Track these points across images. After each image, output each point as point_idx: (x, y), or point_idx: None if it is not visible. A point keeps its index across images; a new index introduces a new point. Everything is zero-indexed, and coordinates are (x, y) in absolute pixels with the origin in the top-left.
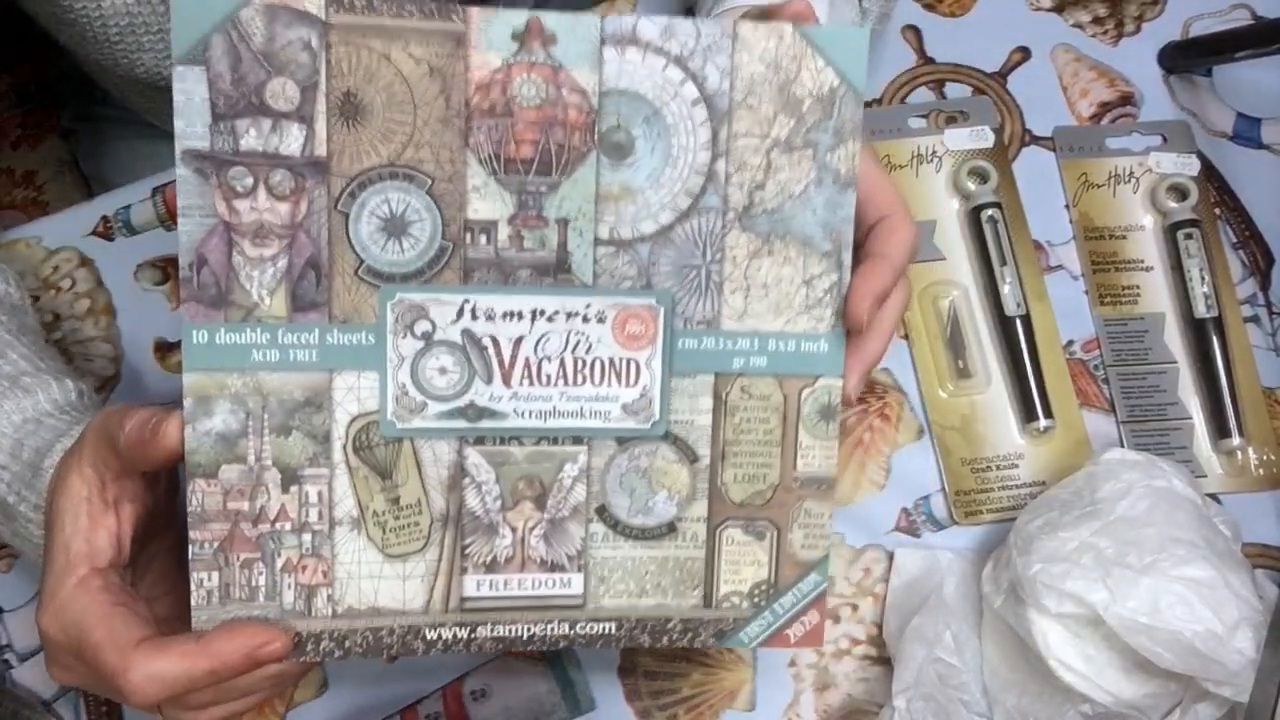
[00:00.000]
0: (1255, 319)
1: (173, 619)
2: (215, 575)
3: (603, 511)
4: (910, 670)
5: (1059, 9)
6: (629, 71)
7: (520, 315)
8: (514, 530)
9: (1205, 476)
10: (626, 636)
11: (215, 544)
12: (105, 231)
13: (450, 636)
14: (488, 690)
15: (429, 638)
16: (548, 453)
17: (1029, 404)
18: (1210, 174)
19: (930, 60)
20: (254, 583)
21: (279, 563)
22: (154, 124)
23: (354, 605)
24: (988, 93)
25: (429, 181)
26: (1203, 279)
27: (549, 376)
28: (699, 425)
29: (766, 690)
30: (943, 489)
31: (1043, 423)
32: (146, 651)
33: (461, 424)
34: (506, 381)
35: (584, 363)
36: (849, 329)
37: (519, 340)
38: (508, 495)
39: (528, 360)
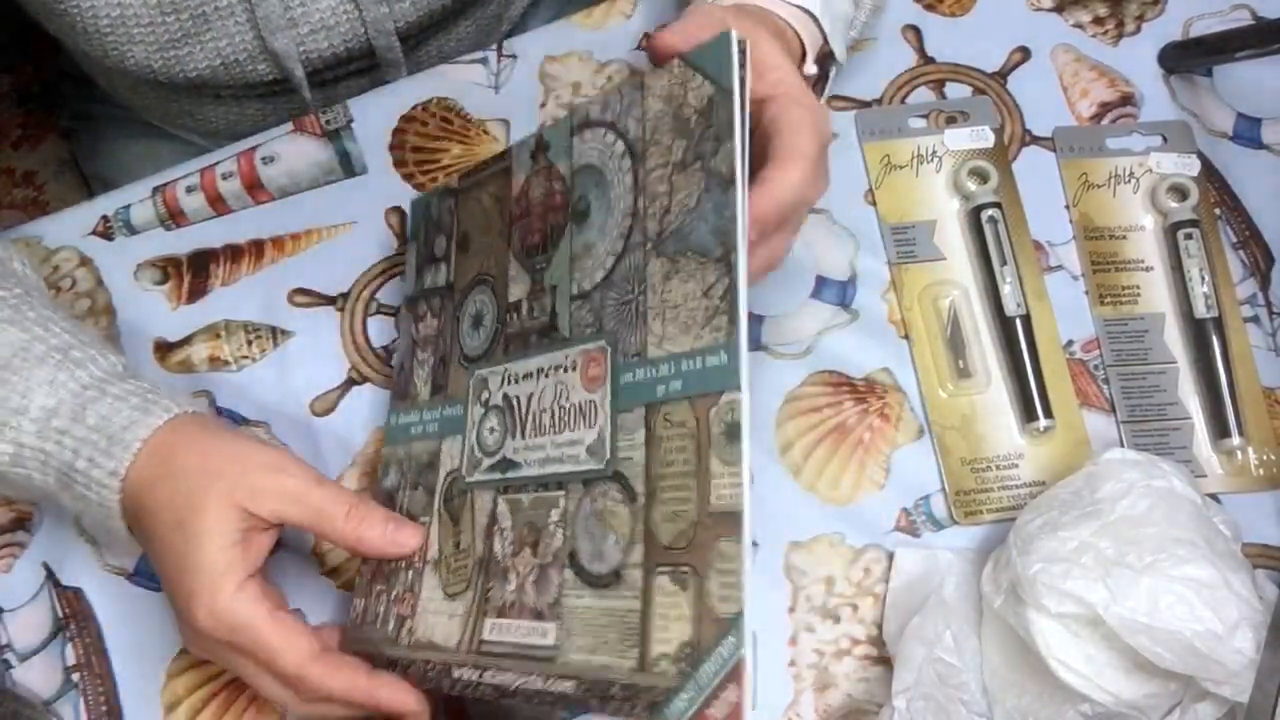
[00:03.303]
0: (1255, 319)
1: None
2: (362, 602)
3: (573, 558)
4: (910, 670)
5: (1059, 9)
6: (586, 150)
7: (531, 375)
8: (517, 575)
9: (1205, 476)
10: (580, 699)
11: (369, 576)
12: (105, 231)
13: (466, 678)
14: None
15: (454, 676)
16: (542, 499)
17: (1029, 404)
18: (1210, 174)
19: (930, 60)
20: (378, 610)
21: (392, 594)
22: (153, 123)
23: (419, 638)
24: (988, 93)
25: (492, 281)
26: (1203, 279)
27: (545, 427)
28: (636, 461)
29: (766, 690)
30: (943, 489)
31: (1043, 423)
32: (325, 668)
33: (498, 476)
34: (523, 435)
35: (564, 409)
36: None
37: (530, 396)
38: (516, 541)
39: (534, 415)
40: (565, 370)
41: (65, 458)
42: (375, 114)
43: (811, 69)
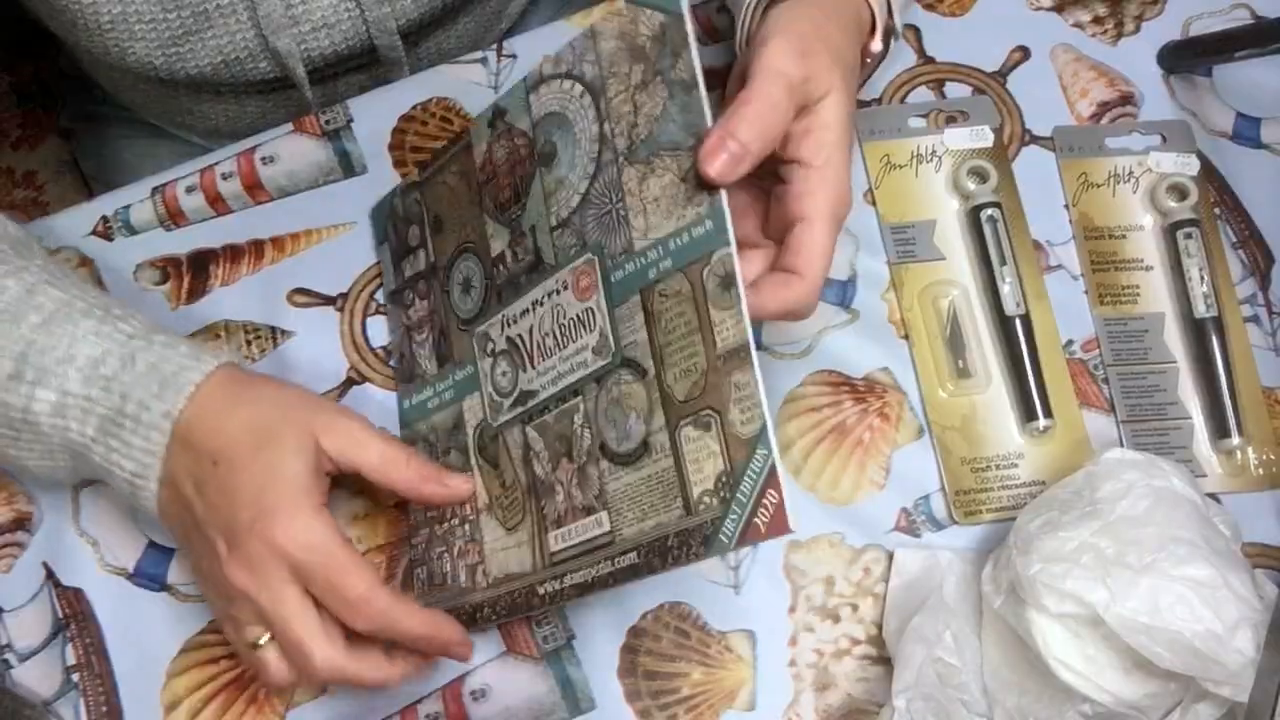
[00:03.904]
0: (1255, 319)
1: None
2: (425, 570)
3: (604, 448)
4: (910, 670)
5: (1059, 9)
6: (545, 102)
7: (528, 311)
8: (563, 485)
9: (1205, 476)
10: (646, 565)
11: (424, 545)
12: (105, 231)
13: (553, 590)
14: (487, 690)
15: (539, 593)
16: (564, 410)
17: (1029, 404)
18: (1210, 174)
19: (930, 60)
20: (444, 570)
21: (455, 551)
22: (152, 123)
23: (497, 576)
24: (988, 92)
25: (473, 245)
26: (1202, 279)
27: (550, 349)
28: (640, 342)
29: (766, 690)
30: (942, 489)
31: (1042, 422)
32: (393, 598)
33: (519, 410)
34: (533, 364)
35: (564, 327)
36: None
37: (530, 329)
38: (552, 458)
39: (538, 342)
40: (558, 293)
41: (113, 403)
42: (375, 114)
43: (878, 45)
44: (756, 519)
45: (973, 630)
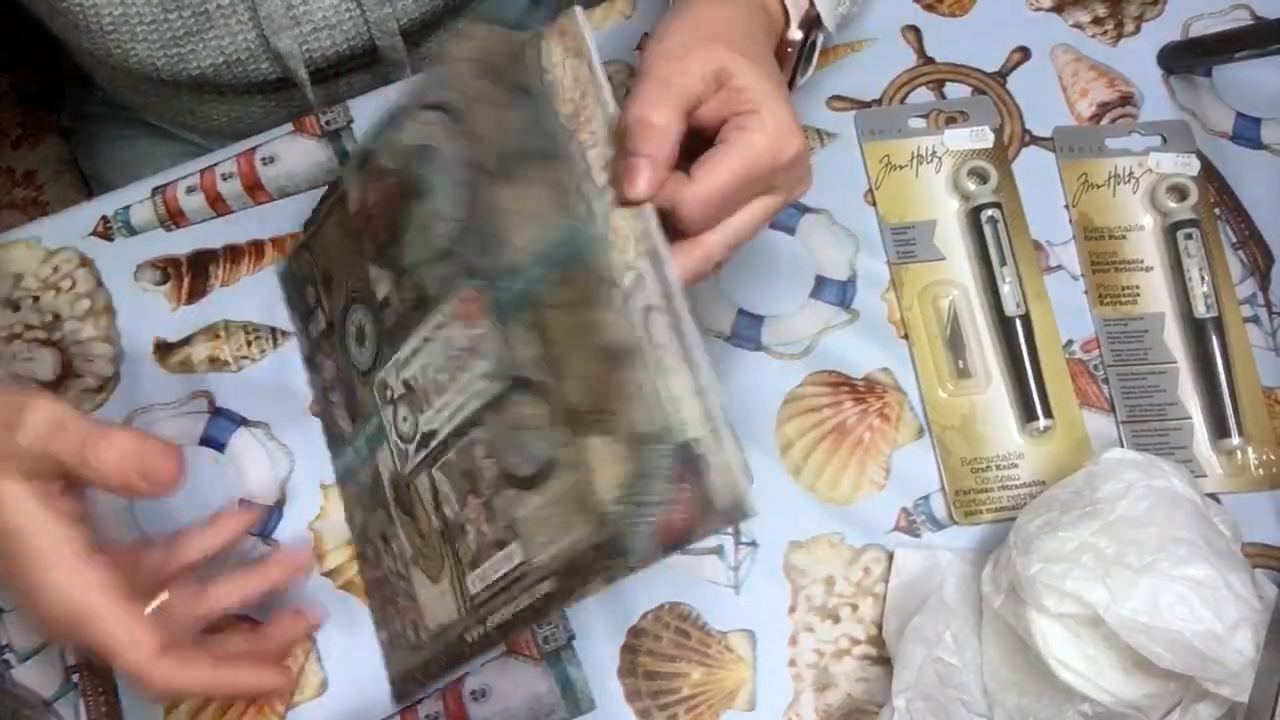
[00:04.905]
0: (1255, 319)
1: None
2: (385, 633)
3: (509, 476)
4: (910, 670)
5: (1059, 9)
6: (410, 135)
7: (418, 350)
8: (472, 523)
9: (1205, 476)
10: (564, 588)
11: (380, 607)
12: (105, 231)
13: (479, 635)
14: (488, 690)
15: (468, 641)
16: (465, 445)
17: (1029, 404)
18: (1210, 174)
19: (930, 60)
20: (399, 629)
21: (399, 609)
22: (153, 123)
23: (433, 630)
24: (988, 93)
25: (360, 294)
26: (1202, 279)
27: (444, 385)
28: (534, 359)
29: (766, 690)
30: (942, 489)
31: (1042, 422)
32: (171, 663)
33: (424, 453)
34: (430, 404)
35: (454, 359)
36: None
37: (424, 368)
38: (460, 497)
39: (432, 380)
40: (444, 326)
41: None
42: (375, 114)
43: (796, 34)
44: (673, 515)
45: (973, 630)
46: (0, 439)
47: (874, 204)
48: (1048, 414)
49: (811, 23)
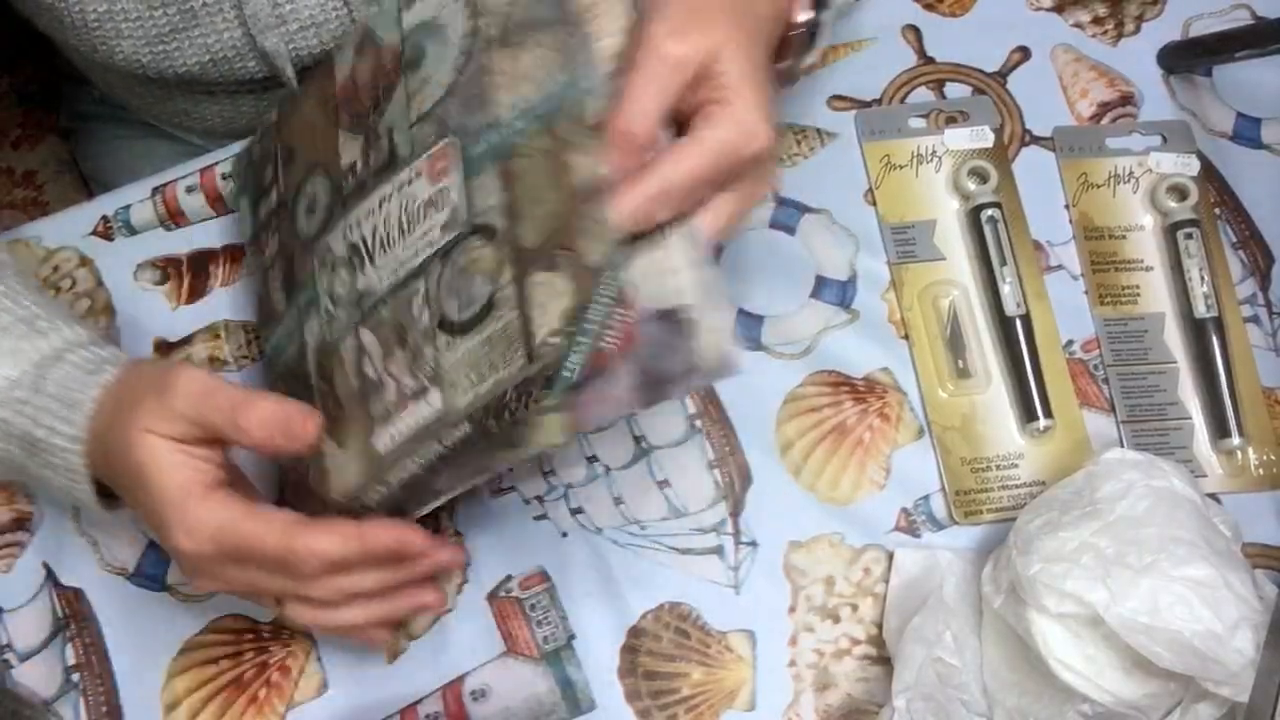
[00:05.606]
0: (1255, 319)
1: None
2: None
3: (442, 323)
4: (910, 670)
5: (1059, 9)
6: (418, 14)
7: (373, 211)
8: (392, 377)
9: (1205, 476)
10: (479, 430)
11: (294, 490)
12: (105, 231)
13: (380, 496)
14: (487, 690)
15: (372, 503)
16: (401, 298)
17: (1029, 404)
18: (1210, 174)
19: (930, 60)
20: (311, 507)
21: (314, 481)
22: (151, 123)
23: (338, 497)
24: (988, 93)
25: (323, 163)
26: (1202, 279)
27: (393, 240)
28: (495, 206)
29: (766, 690)
30: (943, 489)
31: (1042, 422)
32: (308, 530)
33: (358, 314)
34: (373, 262)
35: (411, 215)
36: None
37: (375, 228)
38: (385, 352)
39: (382, 238)
40: (410, 183)
41: (25, 426)
42: None
43: (807, 14)
44: (604, 343)
45: (973, 630)
46: (153, 404)
47: (874, 204)
48: (1048, 414)
49: (819, 4)
